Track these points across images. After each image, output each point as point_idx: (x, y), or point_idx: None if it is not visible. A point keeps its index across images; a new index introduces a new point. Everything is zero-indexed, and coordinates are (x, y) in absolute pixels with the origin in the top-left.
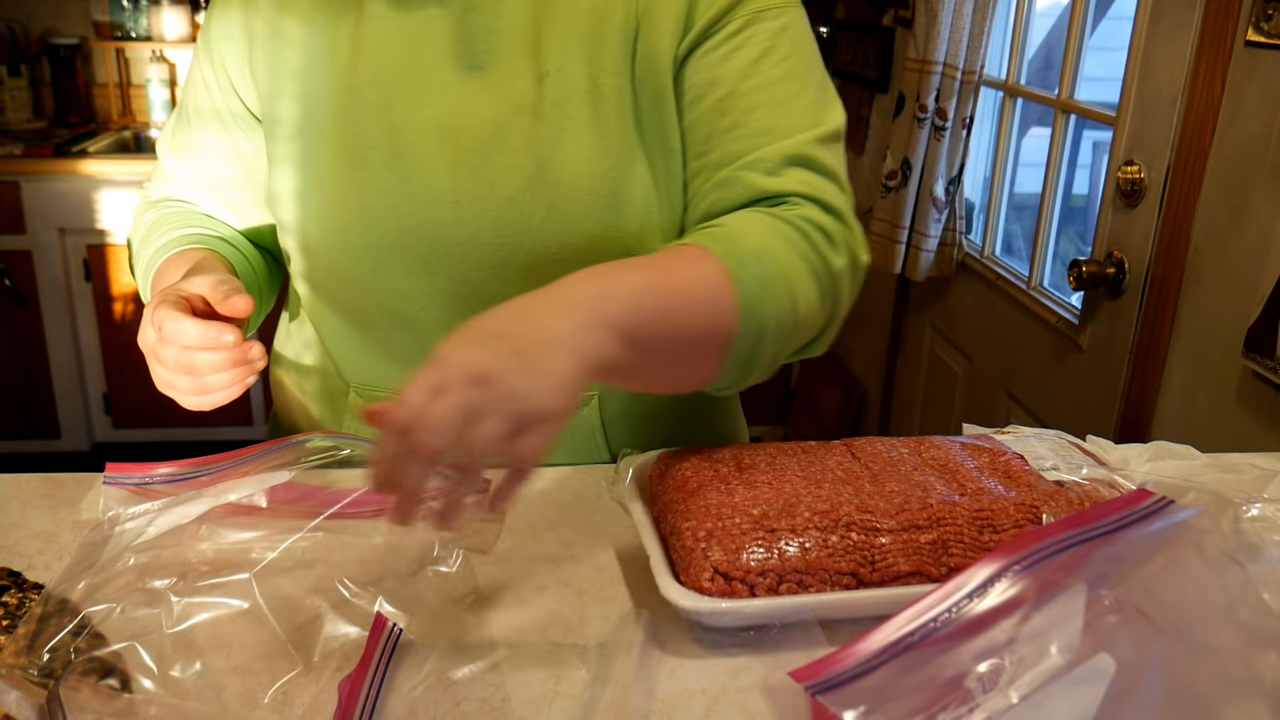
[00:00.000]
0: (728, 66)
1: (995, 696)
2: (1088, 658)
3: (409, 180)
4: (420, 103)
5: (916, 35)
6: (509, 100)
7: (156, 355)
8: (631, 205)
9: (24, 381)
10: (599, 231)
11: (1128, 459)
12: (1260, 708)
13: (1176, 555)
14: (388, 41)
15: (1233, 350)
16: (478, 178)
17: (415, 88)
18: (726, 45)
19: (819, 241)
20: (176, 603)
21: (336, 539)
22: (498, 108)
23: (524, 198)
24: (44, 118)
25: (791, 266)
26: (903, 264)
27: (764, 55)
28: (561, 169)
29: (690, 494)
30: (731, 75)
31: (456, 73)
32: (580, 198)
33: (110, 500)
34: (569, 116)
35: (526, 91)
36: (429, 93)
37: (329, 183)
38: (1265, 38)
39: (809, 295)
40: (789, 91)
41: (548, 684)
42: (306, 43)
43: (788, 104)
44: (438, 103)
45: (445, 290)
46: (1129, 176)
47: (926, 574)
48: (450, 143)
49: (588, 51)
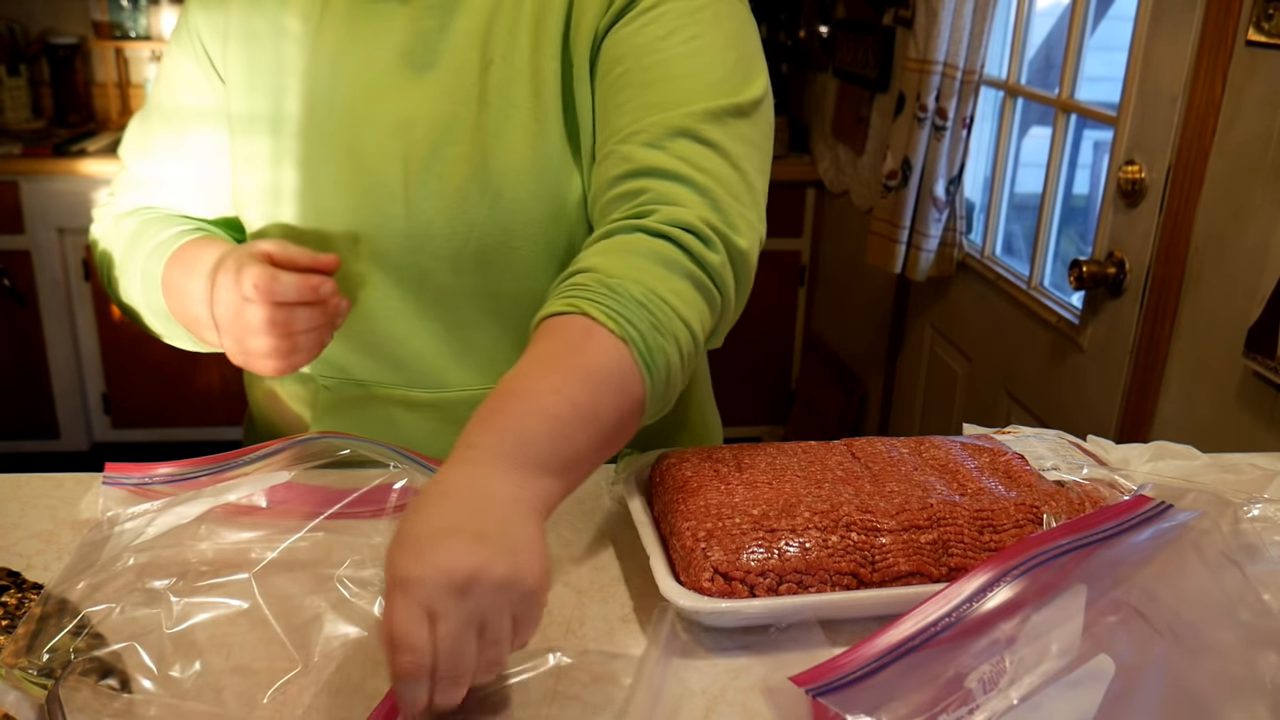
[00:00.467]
0: (632, 42)
1: (995, 698)
2: (1088, 659)
3: (364, 175)
4: (377, 100)
5: (916, 35)
6: (458, 92)
7: (242, 318)
8: (571, 190)
9: (23, 381)
10: (544, 218)
11: (1128, 459)
12: (1260, 708)
13: (1176, 556)
14: (348, 43)
15: (1233, 350)
16: (428, 170)
17: (373, 86)
18: (636, 22)
19: (692, 244)
20: (176, 603)
21: (336, 539)
22: (449, 100)
23: (470, 188)
24: (43, 117)
25: (674, 292)
26: (903, 264)
27: (672, 32)
28: (504, 156)
29: (690, 494)
30: (635, 51)
31: (411, 70)
32: (524, 184)
33: (109, 500)
34: (512, 104)
35: (474, 82)
36: (386, 91)
37: (290, 180)
38: (1266, 38)
39: (700, 311)
40: (693, 67)
41: (548, 684)
42: (274, 43)
43: (688, 79)
44: (393, 100)
45: (400, 281)
46: (1129, 176)
47: (927, 574)
48: (404, 138)
49: (532, 38)
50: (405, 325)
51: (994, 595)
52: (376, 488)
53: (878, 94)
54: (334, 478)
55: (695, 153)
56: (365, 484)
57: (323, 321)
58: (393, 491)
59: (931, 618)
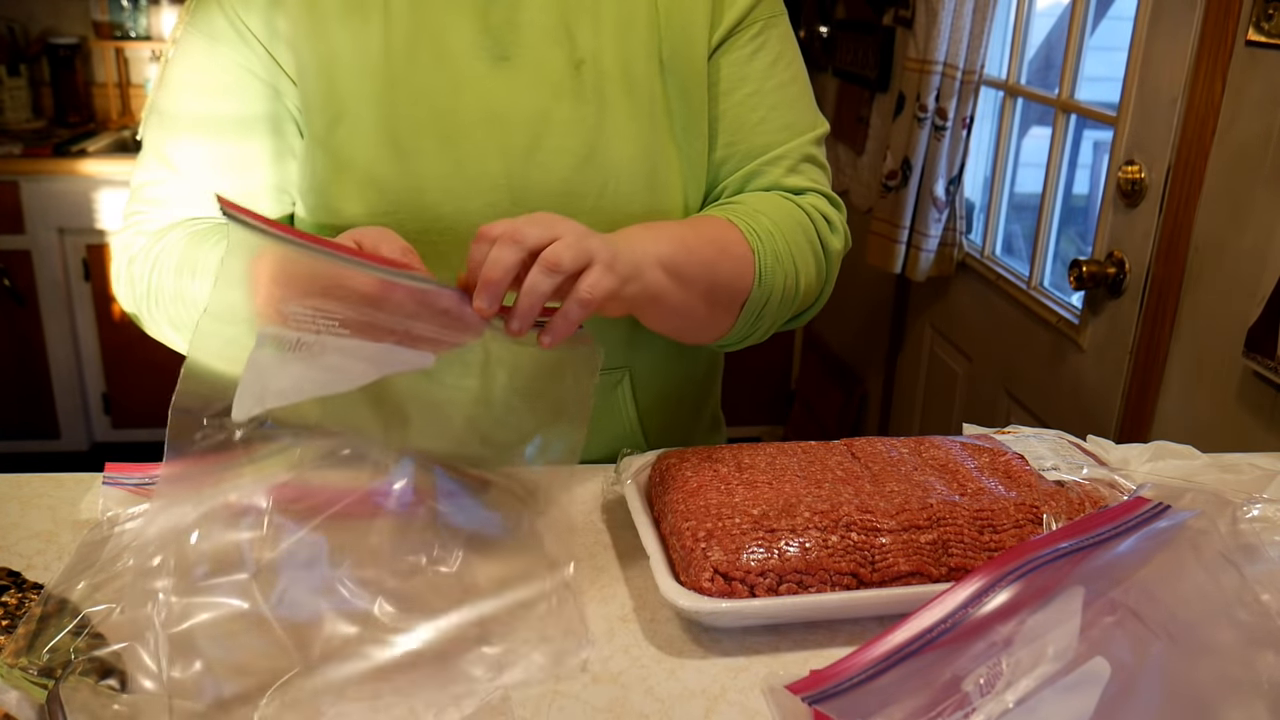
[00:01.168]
0: (753, 66)
1: (992, 701)
2: (1085, 660)
3: (462, 166)
4: (459, 92)
5: (916, 35)
6: (548, 87)
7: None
8: (668, 186)
9: (23, 381)
10: (643, 213)
11: (1128, 459)
12: (1259, 707)
13: (1173, 557)
14: (415, 40)
15: (1233, 350)
16: (530, 161)
17: (450, 79)
18: (750, 46)
19: (822, 226)
20: (176, 603)
21: (336, 539)
22: (537, 94)
23: (575, 178)
24: (43, 117)
25: (798, 246)
26: (903, 264)
27: (778, 59)
28: (608, 151)
29: (690, 494)
30: (756, 75)
31: (485, 63)
32: (626, 178)
33: (109, 500)
34: (607, 102)
35: (564, 80)
36: (465, 82)
37: (375, 170)
38: (1265, 38)
39: (808, 273)
40: (798, 91)
41: (548, 684)
42: (337, 38)
43: (798, 103)
44: (476, 92)
45: None
46: (1129, 176)
47: (927, 574)
48: (498, 128)
49: (618, 42)
50: None
51: (991, 599)
52: (376, 488)
53: (878, 94)
54: (334, 478)
55: (819, 176)
56: (365, 484)
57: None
58: (392, 491)
59: (928, 622)
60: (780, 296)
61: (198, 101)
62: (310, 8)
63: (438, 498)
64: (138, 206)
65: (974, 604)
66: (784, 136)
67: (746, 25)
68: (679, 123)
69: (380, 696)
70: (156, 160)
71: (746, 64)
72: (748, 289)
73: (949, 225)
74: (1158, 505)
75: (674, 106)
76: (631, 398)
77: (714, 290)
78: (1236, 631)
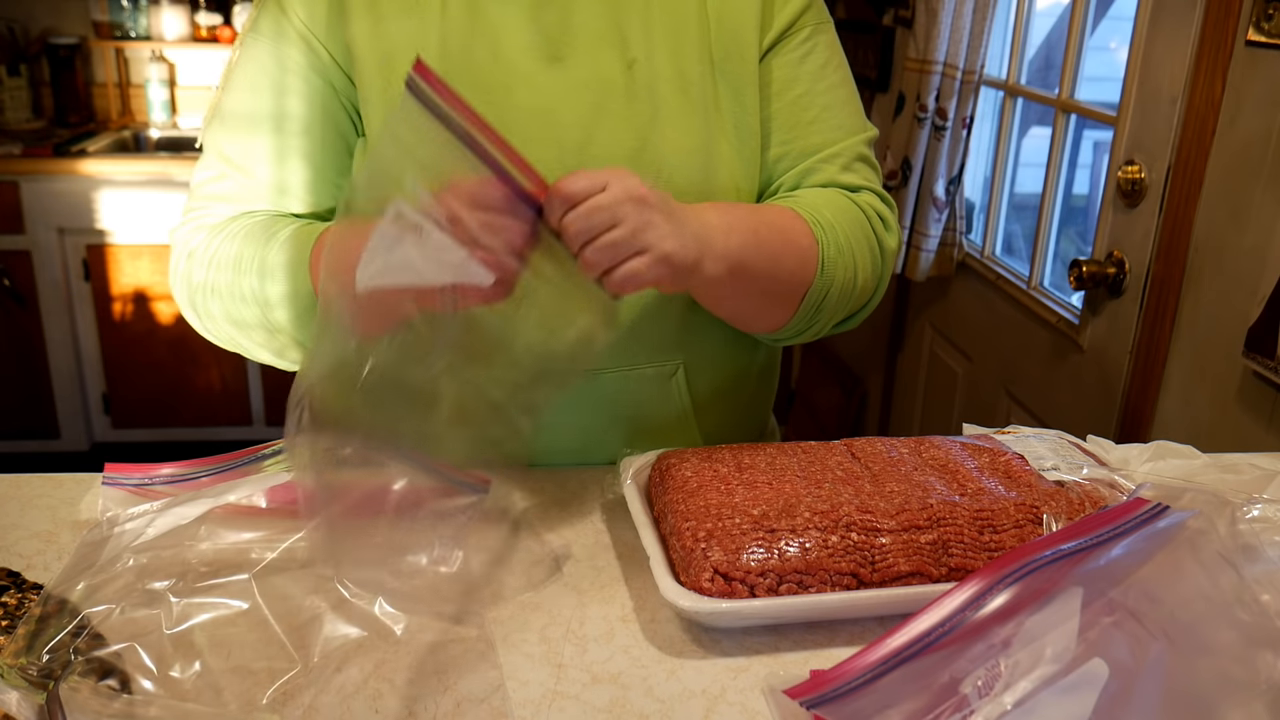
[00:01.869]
0: (804, 68)
1: (990, 703)
2: (1084, 661)
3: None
4: (513, 89)
5: (916, 35)
6: (601, 84)
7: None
8: (722, 179)
9: (23, 381)
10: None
11: (1128, 459)
12: (1258, 706)
13: (1171, 557)
14: (471, 39)
15: (1233, 350)
16: (583, 153)
17: (505, 76)
18: (801, 49)
19: (877, 224)
20: (176, 603)
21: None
22: (591, 91)
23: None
24: (43, 117)
25: (857, 241)
26: (903, 264)
27: (827, 62)
28: (662, 143)
29: (690, 494)
30: (808, 76)
31: (539, 62)
32: (680, 170)
33: (109, 501)
34: (660, 99)
35: (616, 78)
36: (519, 81)
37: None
38: (1265, 38)
39: (865, 268)
40: (848, 94)
41: (548, 684)
42: (395, 36)
43: (848, 105)
44: (530, 90)
45: None
46: (1129, 176)
47: (927, 574)
48: (551, 123)
49: (670, 43)
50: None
51: (990, 601)
52: (376, 488)
53: (878, 94)
54: (335, 478)
55: (871, 175)
56: (365, 484)
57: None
58: (392, 491)
59: (927, 625)
60: (840, 290)
61: (259, 99)
62: (370, 7)
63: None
64: (197, 203)
65: (973, 606)
66: (838, 136)
67: (796, 30)
68: (731, 120)
69: (380, 697)
70: (217, 159)
71: (798, 66)
72: (810, 280)
73: (949, 225)
74: (1157, 506)
75: (726, 105)
76: (686, 389)
77: (777, 280)
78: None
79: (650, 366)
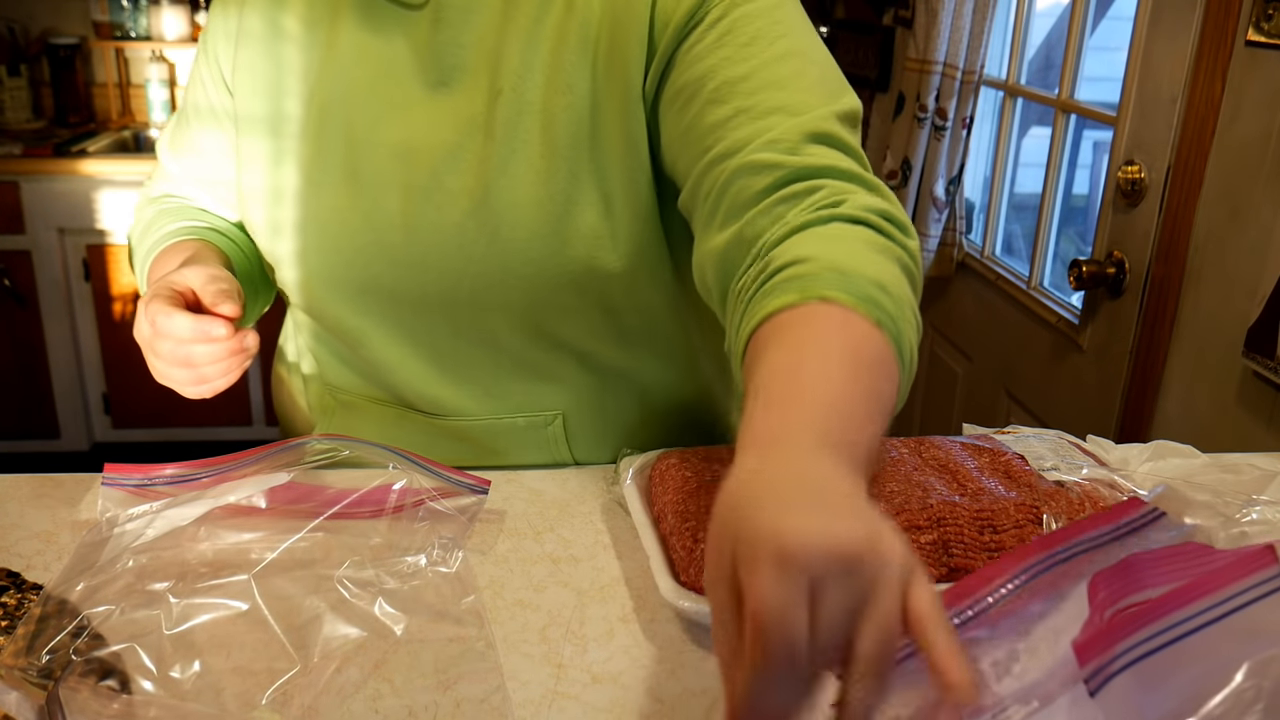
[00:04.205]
0: (717, 55)
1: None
2: None
3: (362, 199)
4: (382, 123)
5: (916, 35)
6: (465, 119)
7: (153, 349)
8: (579, 232)
9: (23, 381)
10: (544, 259)
11: (1128, 459)
12: None
13: None
14: (359, 57)
15: (1233, 350)
16: (428, 200)
17: (379, 106)
18: (710, 35)
19: (894, 233)
20: (176, 604)
21: (336, 539)
22: (455, 127)
23: (469, 223)
24: (43, 118)
25: (895, 277)
26: None
27: (755, 38)
28: (507, 193)
29: (690, 494)
30: (724, 63)
31: (422, 89)
32: (524, 223)
33: (109, 501)
34: (520, 138)
35: (478, 111)
36: (392, 112)
37: (291, 196)
38: (1265, 38)
39: (911, 295)
40: (792, 69)
41: (548, 684)
42: (283, 54)
43: (794, 81)
44: (399, 123)
45: (395, 311)
46: (1129, 176)
47: (927, 574)
48: (406, 164)
49: (546, 70)
50: (397, 353)
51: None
52: (376, 488)
53: (878, 94)
54: (334, 478)
55: (836, 157)
56: (365, 484)
57: (223, 358)
58: (392, 492)
59: None
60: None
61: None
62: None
63: (438, 498)
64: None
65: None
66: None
67: (701, 17)
68: (614, 156)
69: (380, 697)
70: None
71: (707, 58)
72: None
73: (949, 225)
74: (1152, 510)
75: (607, 136)
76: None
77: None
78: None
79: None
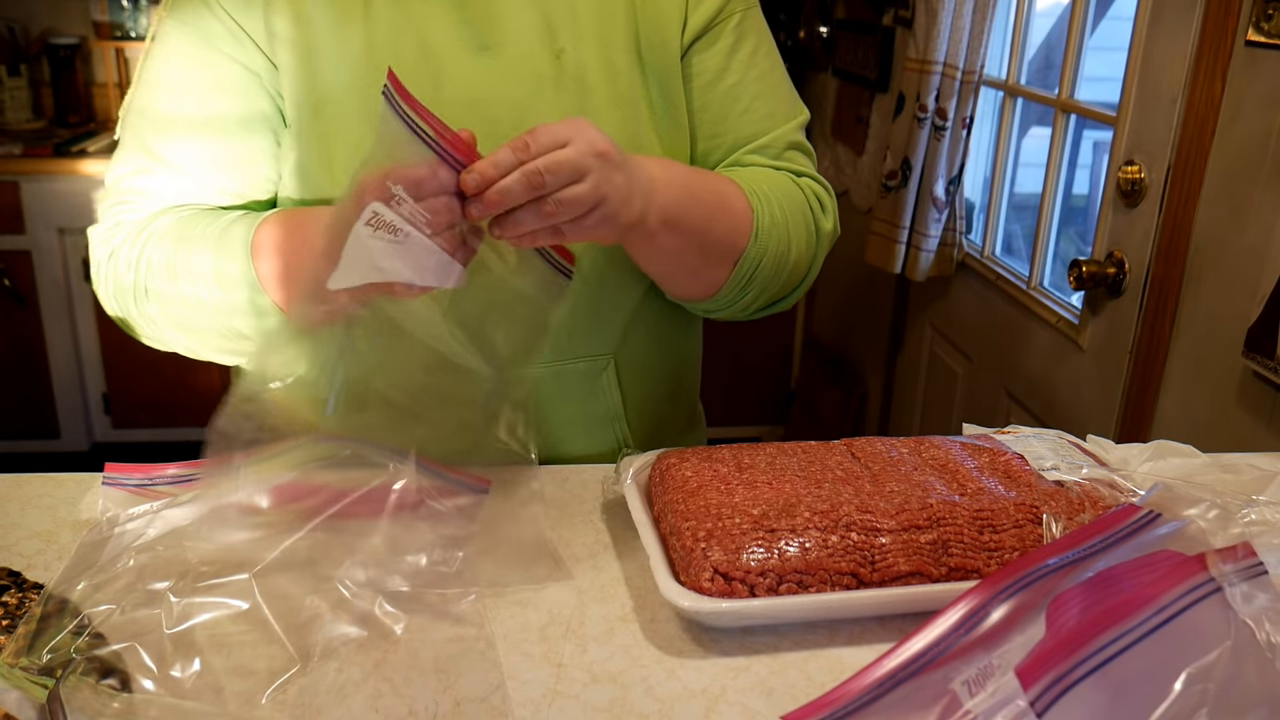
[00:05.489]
0: (735, 57)
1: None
2: None
3: None
4: (442, 82)
5: (916, 35)
6: (529, 76)
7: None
8: None
9: (23, 381)
10: None
11: (1128, 459)
12: None
13: None
14: (397, 34)
15: (1233, 350)
16: None
17: (434, 69)
18: (730, 37)
19: (815, 206)
20: (176, 603)
21: (336, 539)
22: (520, 83)
23: None
24: (43, 118)
25: (793, 217)
26: (903, 264)
27: (757, 49)
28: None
29: (690, 494)
30: (739, 65)
31: (467, 54)
32: None
33: (109, 501)
34: (589, 89)
35: (544, 67)
36: (448, 73)
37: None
38: (1265, 38)
39: (799, 245)
40: (778, 79)
41: (547, 683)
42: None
43: (778, 90)
44: (459, 81)
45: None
46: (1129, 176)
47: (926, 574)
48: (483, 114)
49: (597, 34)
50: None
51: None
52: (376, 488)
53: (877, 94)
54: (334, 478)
55: (806, 161)
56: (365, 484)
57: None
58: (392, 491)
59: (921, 645)
60: (773, 261)
61: (182, 88)
62: (294, 3)
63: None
64: (117, 198)
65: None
66: (767, 125)
67: (725, 17)
68: (658, 113)
69: (380, 696)
70: (138, 151)
71: (730, 55)
72: (743, 246)
73: (949, 225)
74: (1148, 514)
75: (654, 97)
76: (617, 384)
77: (710, 239)
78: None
79: (581, 362)
